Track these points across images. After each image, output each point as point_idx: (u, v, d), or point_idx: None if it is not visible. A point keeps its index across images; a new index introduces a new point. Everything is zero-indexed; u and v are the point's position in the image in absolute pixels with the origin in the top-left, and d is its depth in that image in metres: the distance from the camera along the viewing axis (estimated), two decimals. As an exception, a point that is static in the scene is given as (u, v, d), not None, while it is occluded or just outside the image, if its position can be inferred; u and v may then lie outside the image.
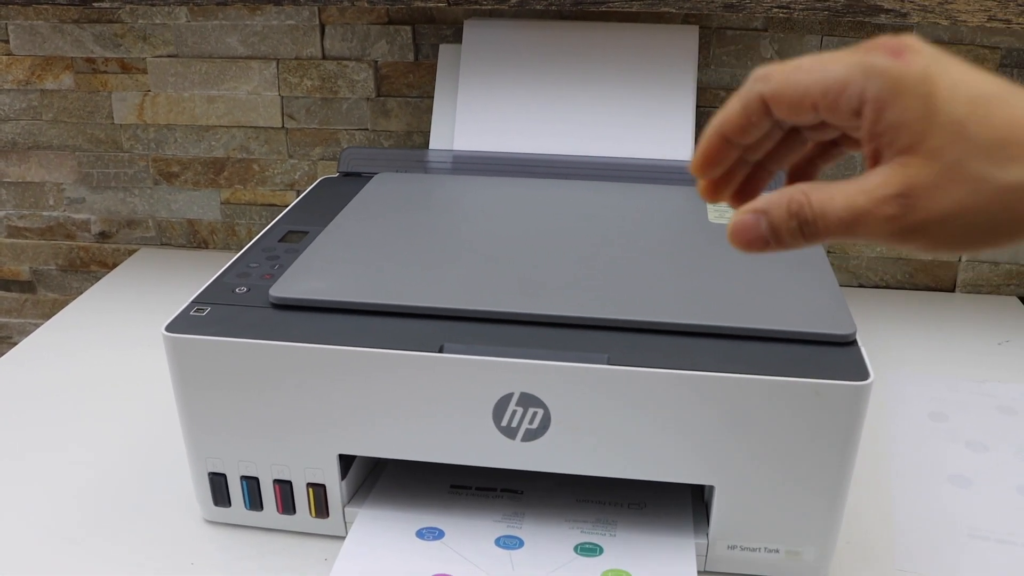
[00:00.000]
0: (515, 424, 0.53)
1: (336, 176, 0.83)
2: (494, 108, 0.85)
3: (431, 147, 0.87)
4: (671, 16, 0.89)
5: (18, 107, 1.01)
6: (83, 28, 0.96)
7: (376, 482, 0.62)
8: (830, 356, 0.51)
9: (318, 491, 0.57)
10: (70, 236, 1.07)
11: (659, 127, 0.83)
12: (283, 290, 0.57)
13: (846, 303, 0.55)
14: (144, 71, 0.98)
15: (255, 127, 0.99)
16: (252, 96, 0.97)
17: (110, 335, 0.86)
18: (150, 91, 0.99)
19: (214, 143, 1.00)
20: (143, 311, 0.91)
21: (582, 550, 0.56)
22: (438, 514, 0.59)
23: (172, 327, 0.55)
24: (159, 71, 0.97)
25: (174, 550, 0.59)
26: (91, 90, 0.99)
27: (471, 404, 0.53)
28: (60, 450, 0.69)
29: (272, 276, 0.60)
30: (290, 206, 0.74)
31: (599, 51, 0.85)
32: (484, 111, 0.85)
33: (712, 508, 0.54)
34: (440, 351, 0.52)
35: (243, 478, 0.58)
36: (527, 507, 0.60)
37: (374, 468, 0.63)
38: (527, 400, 0.52)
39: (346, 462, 0.57)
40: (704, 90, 0.91)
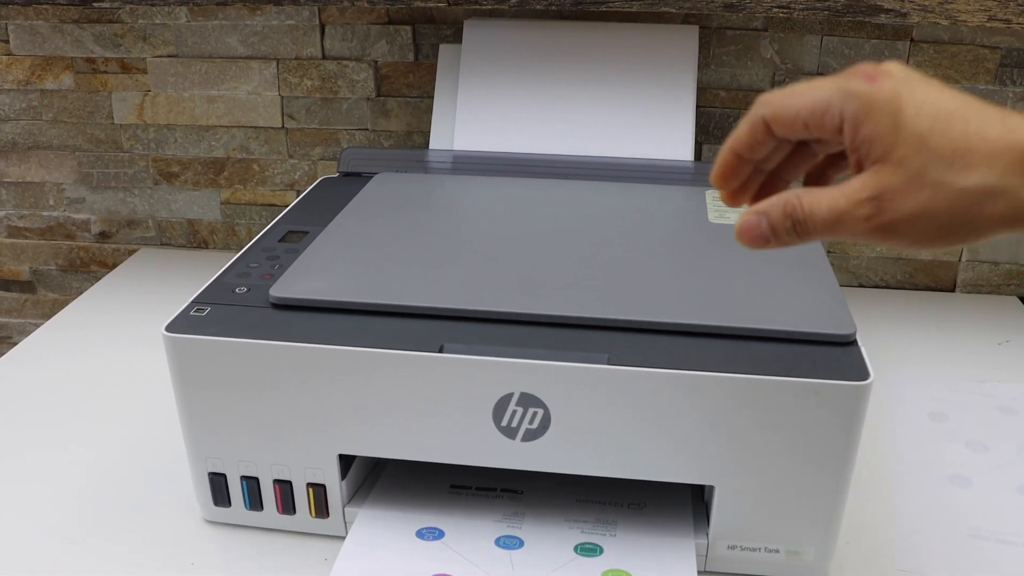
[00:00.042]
0: (515, 424, 0.53)
1: (336, 176, 0.83)
2: (494, 108, 0.85)
3: (431, 147, 0.87)
4: (671, 16, 0.89)
5: (18, 107, 1.01)
6: (83, 28, 0.96)
7: (376, 482, 0.62)
8: (830, 356, 0.51)
9: (318, 491, 0.57)
10: (70, 236, 1.07)
11: (659, 127, 0.83)
12: (283, 290, 0.57)
13: (846, 303, 0.55)
14: (144, 71, 0.98)
15: (255, 127, 0.99)
16: (252, 96, 0.98)
17: (110, 335, 0.86)
18: (150, 91, 0.99)
19: (214, 143, 1.00)
20: (143, 311, 0.91)
21: (582, 550, 0.56)
22: (438, 514, 0.59)
23: (172, 327, 0.55)
24: (159, 71, 0.98)
25: (174, 550, 0.59)
26: (91, 90, 0.99)
27: (471, 404, 0.53)
28: (60, 450, 0.69)
29: (272, 276, 0.60)
30: (290, 206, 0.74)
31: (599, 51, 0.85)
32: (484, 111, 0.85)
33: (712, 508, 0.54)
34: (440, 351, 0.52)
35: (243, 478, 0.58)
36: (527, 507, 0.60)
37: (374, 468, 0.63)
38: (527, 400, 0.52)
39: (346, 462, 0.57)
40: (704, 90, 0.91)
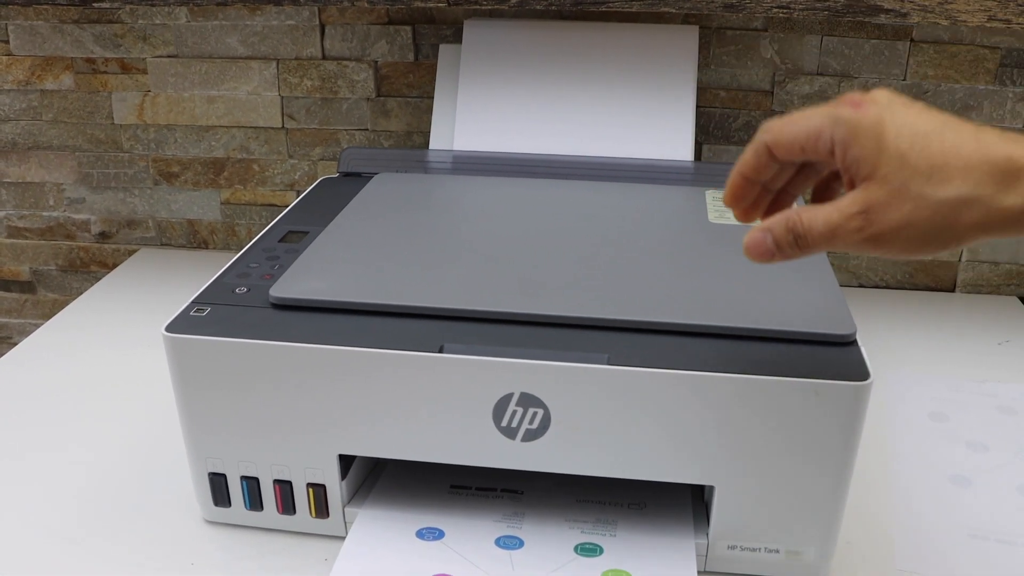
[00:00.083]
0: (515, 424, 0.53)
1: (336, 176, 0.83)
2: (494, 108, 0.85)
3: (431, 147, 0.87)
4: (671, 16, 0.89)
5: (18, 107, 1.01)
6: (83, 28, 0.96)
7: (376, 482, 0.62)
8: (830, 356, 0.51)
9: (318, 491, 0.57)
10: (70, 236, 1.07)
11: (659, 127, 0.83)
12: (283, 290, 0.57)
13: (846, 303, 0.55)
14: (144, 71, 0.98)
15: (255, 127, 0.99)
16: (252, 96, 0.98)
17: (110, 335, 0.86)
18: (150, 91, 0.99)
19: (214, 143, 1.00)
20: (143, 311, 0.91)
21: (582, 550, 0.56)
22: (438, 514, 0.59)
23: (172, 327, 0.55)
24: (159, 71, 0.98)
25: (174, 550, 0.59)
26: (91, 90, 0.99)
27: (471, 404, 0.53)
28: (60, 450, 0.69)
29: (272, 276, 0.60)
30: (290, 206, 0.74)
31: (599, 51, 0.85)
32: (484, 111, 0.85)
33: (712, 508, 0.54)
34: (440, 351, 0.52)
35: (243, 478, 0.58)
36: (527, 507, 0.60)
37: (374, 468, 0.63)
38: (527, 400, 0.52)
39: (346, 462, 0.57)
40: (704, 90, 0.91)
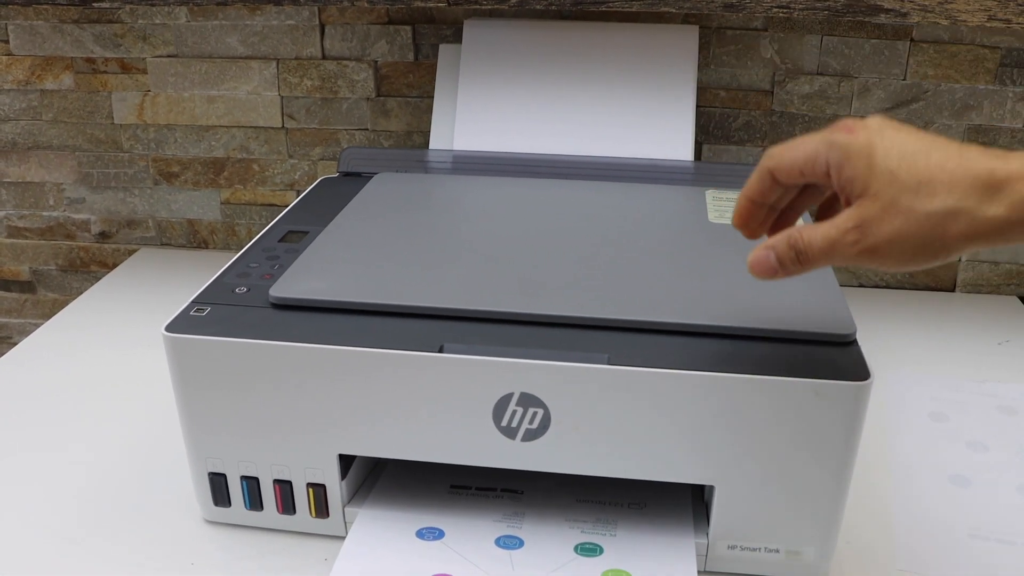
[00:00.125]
0: (515, 424, 0.53)
1: (336, 176, 0.83)
2: (494, 108, 0.85)
3: (431, 147, 0.87)
4: (671, 16, 0.89)
5: (18, 107, 1.01)
6: (83, 28, 0.96)
7: (376, 482, 0.62)
8: (830, 356, 0.51)
9: (318, 491, 0.57)
10: (70, 236, 1.07)
11: (659, 127, 0.83)
12: (283, 290, 0.57)
13: (846, 303, 0.55)
14: (144, 71, 0.98)
15: (255, 127, 0.99)
16: (252, 96, 0.98)
17: (110, 335, 0.86)
18: (150, 91, 0.99)
19: (214, 143, 1.00)
20: (143, 311, 0.91)
21: (582, 550, 0.56)
22: (438, 514, 0.59)
23: (172, 327, 0.55)
24: (159, 71, 0.98)
25: (174, 550, 0.59)
26: (91, 90, 0.99)
27: (471, 404, 0.53)
28: (60, 450, 0.69)
29: (272, 276, 0.60)
30: (290, 206, 0.74)
31: (599, 51, 0.85)
32: (484, 111, 0.85)
33: (712, 508, 0.54)
34: (440, 351, 0.52)
35: (243, 478, 0.58)
36: (527, 507, 0.60)
37: (374, 468, 0.63)
38: (527, 400, 0.52)
39: (346, 462, 0.57)
40: (704, 90, 0.91)
